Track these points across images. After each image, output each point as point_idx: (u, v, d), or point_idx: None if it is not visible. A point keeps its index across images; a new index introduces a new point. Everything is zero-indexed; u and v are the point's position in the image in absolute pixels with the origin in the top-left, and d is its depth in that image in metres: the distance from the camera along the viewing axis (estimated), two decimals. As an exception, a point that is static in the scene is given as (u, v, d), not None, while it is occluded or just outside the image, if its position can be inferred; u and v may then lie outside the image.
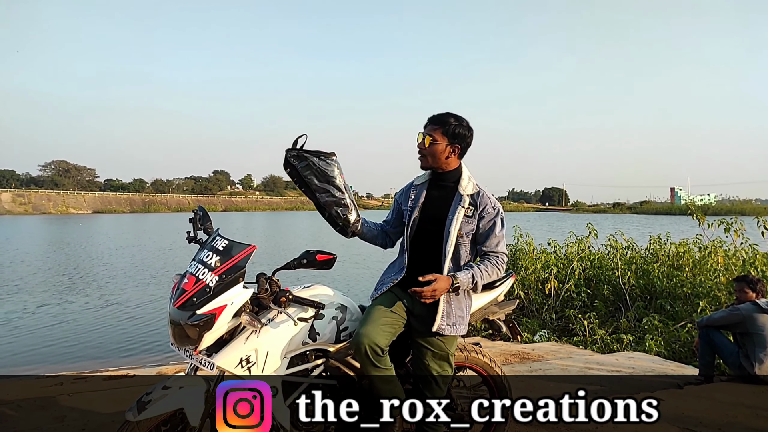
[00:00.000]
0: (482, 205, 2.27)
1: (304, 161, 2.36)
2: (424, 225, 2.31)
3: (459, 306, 2.30)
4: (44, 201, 76.47)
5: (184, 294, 2.04)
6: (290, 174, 2.43)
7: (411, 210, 2.35)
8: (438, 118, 2.26)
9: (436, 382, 2.30)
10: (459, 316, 2.30)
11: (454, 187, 2.31)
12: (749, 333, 4.14)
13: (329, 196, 2.37)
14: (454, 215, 2.24)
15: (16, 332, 8.57)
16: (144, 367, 5.96)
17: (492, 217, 2.27)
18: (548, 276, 8.19)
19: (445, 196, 2.31)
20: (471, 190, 2.28)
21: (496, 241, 2.27)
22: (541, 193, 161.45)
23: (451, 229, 2.22)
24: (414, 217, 2.33)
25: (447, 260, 2.23)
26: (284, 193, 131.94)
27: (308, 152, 2.36)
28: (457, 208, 2.25)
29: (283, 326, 2.19)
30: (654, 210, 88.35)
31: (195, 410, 2.06)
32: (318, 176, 2.35)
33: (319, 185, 2.36)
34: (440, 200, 2.32)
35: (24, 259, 18.74)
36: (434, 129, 2.25)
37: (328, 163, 2.36)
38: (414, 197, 2.37)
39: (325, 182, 2.36)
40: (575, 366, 5.09)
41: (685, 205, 15.12)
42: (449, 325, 2.26)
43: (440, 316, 2.24)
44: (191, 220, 2.40)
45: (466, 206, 2.24)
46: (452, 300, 2.27)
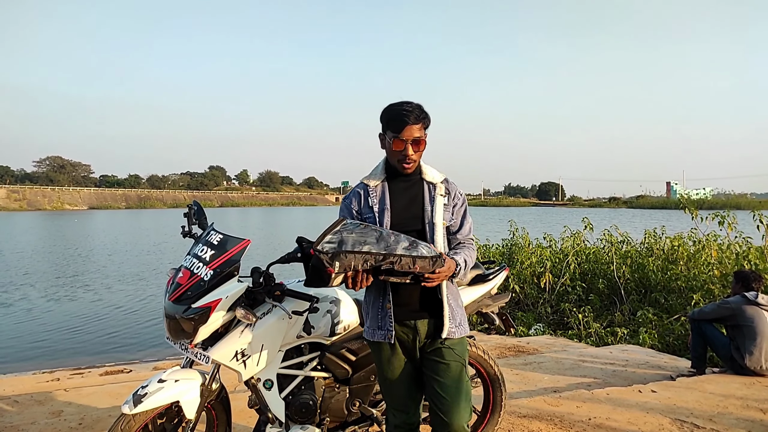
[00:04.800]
0: (452, 191, 2.08)
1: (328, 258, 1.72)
2: (398, 228, 1.96)
3: (457, 303, 2.07)
4: (39, 197, 76.08)
5: (179, 288, 2.05)
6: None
7: (380, 214, 1.99)
8: (417, 113, 1.93)
9: (458, 403, 1.93)
10: (461, 315, 2.06)
11: (418, 179, 2.06)
12: (739, 325, 4.18)
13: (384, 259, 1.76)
14: (434, 205, 2.02)
15: (11, 328, 8.57)
16: (140, 362, 5.98)
17: (461, 202, 2.10)
18: (543, 270, 8.23)
19: (414, 190, 2.05)
20: (439, 178, 2.08)
21: (468, 227, 2.12)
22: (538, 188, 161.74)
23: (436, 220, 2.00)
24: (385, 222, 1.98)
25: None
26: (280, 188, 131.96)
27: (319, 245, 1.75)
28: (435, 197, 2.03)
29: (278, 320, 2.21)
30: (650, 204, 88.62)
31: (191, 403, 2.08)
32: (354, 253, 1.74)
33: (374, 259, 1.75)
34: (410, 195, 2.04)
35: (19, 256, 18.68)
36: (418, 128, 1.94)
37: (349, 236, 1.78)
38: (377, 200, 2.02)
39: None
40: (569, 359, 5.13)
41: (681, 199, 15.19)
42: (457, 326, 2.01)
43: (447, 318, 1.97)
44: (186, 215, 2.41)
45: (443, 194, 2.04)
46: (451, 297, 2.01)
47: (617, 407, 3.47)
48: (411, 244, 1.80)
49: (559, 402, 3.56)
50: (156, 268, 15.68)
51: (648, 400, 3.63)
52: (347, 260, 1.72)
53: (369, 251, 1.74)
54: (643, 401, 3.60)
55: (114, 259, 18.05)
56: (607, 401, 3.59)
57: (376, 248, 1.75)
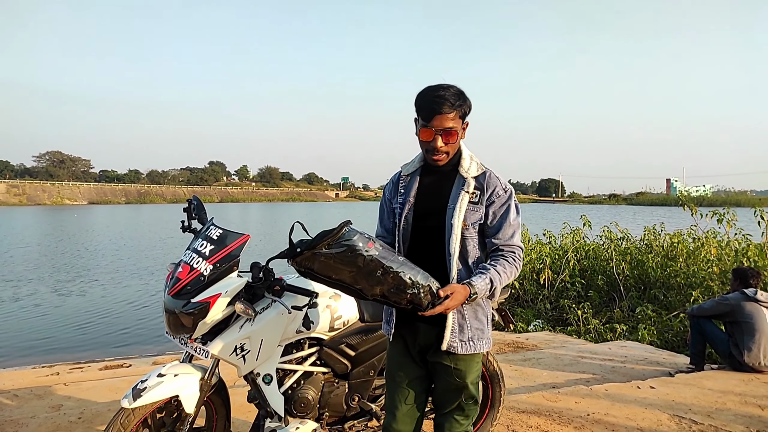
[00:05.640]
0: (491, 187, 1.81)
1: (314, 264, 1.66)
2: (421, 222, 1.85)
3: (475, 316, 1.85)
4: (39, 192, 75.93)
5: (178, 282, 2.05)
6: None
7: (402, 205, 1.88)
8: (452, 100, 1.73)
9: (454, 419, 1.91)
10: (477, 329, 1.85)
11: (453, 170, 1.85)
12: (738, 322, 4.19)
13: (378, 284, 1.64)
14: (457, 203, 1.79)
15: (11, 322, 8.57)
16: (139, 357, 5.99)
17: (504, 201, 1.82)
18: (543, 266, 8.24)
19: (444, 182, 1.86)
20: (475, 171, 1.83)
21: (510, 231, 1.82)
22: (537, 184, 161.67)
23: (453, 220, 1.78)
24: (405, 214, 1.86)
25: (454, 260, 1.78)
26: (280, 184, 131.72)
27: (310, 248, 1.64)
28: (459, 193, 1.80)
29: (277, 315, 2.20)
30: (649, 201, 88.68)
31: (190, 398, 2.08)
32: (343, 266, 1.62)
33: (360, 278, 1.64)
34: (437, 188, 1.86)
35: (20, 250, 18.68)
36: (451, 117, 1.74)
37: (344, 242, 1.61)
38: (404, 190, 1.90)
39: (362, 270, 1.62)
40: (568, 355, 5.14)
41: (679, 196, 15.18)
42: (463, 341, 1.82)
43: (449, 330, 1.79)
44: (186, 210, 2.41)
45: (470, 191, 1.80)
46: (465, 309, 1.82)
47: (616, 403, 3.48)
48: (408, 266, 1.65)
49: (557, 398, 3.57)
50: (164, 263, 15.71)
51: (647, 396, 3.64)
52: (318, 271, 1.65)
53: (341, 281, 1.65)
54: (641, 397, 3.61)
55: (113, 254, 18.03)
56: (606, 397, 3.59)
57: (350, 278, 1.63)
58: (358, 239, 1.61)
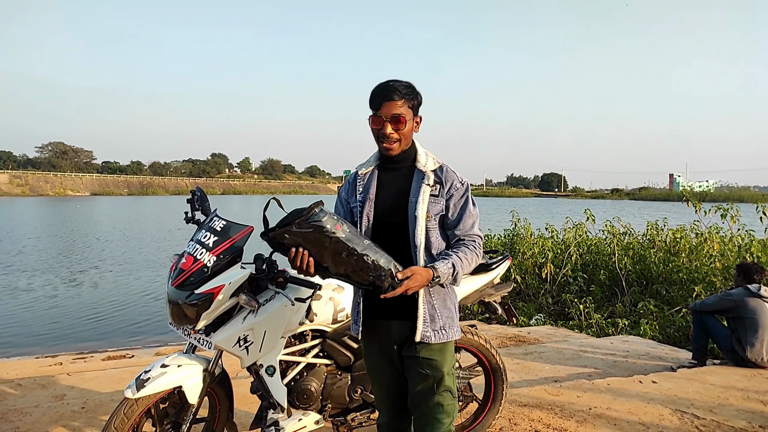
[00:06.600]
0: (449, 180, 1.88)
1: (285, 239, 1.71)
2: (383, 218, 1.89)
3: (444, 305, 1.89)
4: (42, 183, 76.10)
5: (182, 273, 2.05)
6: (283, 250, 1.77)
7: (362, 203, 1.90)
8: (401, 90, 1.80)
9: (426, 419, 1.87)
10: (447, 317, 1.89)
11: (411, 166, 1.90)
12: (741, 318, 4.18)
13: (345, 266, 1.72)
14: (419, 196, 1.83)
15: (15, 312, 8.61)
16: (143, 348, 6.02)
17: (462, 193, 1.89)
18: (545, 261, 8.22)
19: (403, 178, 1.91)
20: (433, 165, 1.89)
21: (470, 221, 1.88)
22: (540, 179, 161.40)
23: (417, 213, 1.81)
24: (367, 212, 1.89)
25: (420, 252, 1.81)
26: (282, 176, 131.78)
27: (283, 226, 1.71)
28: (420, 186, 1.85)
29: (281, 306, 2.20)
30: (652, 196, 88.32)
31: (193, 388, 2.09)
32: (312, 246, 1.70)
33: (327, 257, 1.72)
34: (397, 183, 1.91)
35: (23, 241, 18.74)
36: (399, 104, 1.80)
37: (313, 223, 1.67)
38: (362, 188, 1.93)
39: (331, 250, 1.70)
40: (570, 349, 5.14)
41: (682, 191, 15.12)
42: (436, 330, 1.85)
43: (421, 320, 1.83)
44: (189, 201, 2.41)
45: (431, 183, 1.85)
46: (434, 298, 1.86)
47: (618, 397, 3.48)
48: (372, 250, 1.72)
49: (559, 392, 3.57)
50: (157, 254, 15.76)
51: (648, 390, 3.64)
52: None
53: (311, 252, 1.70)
54: (643, 392, 3.61)
55: (116, 245, 18.08)
56: (608, 391, 3.60)
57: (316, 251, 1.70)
58: (327, 220, 1.68)
